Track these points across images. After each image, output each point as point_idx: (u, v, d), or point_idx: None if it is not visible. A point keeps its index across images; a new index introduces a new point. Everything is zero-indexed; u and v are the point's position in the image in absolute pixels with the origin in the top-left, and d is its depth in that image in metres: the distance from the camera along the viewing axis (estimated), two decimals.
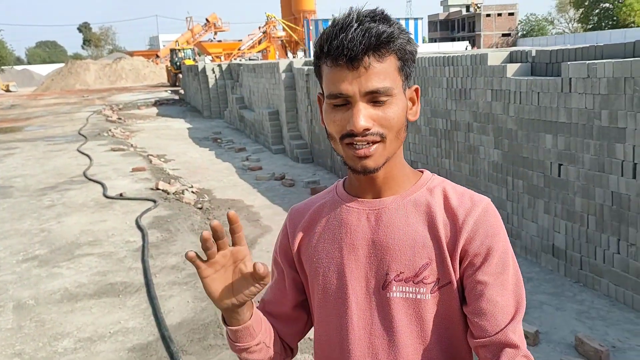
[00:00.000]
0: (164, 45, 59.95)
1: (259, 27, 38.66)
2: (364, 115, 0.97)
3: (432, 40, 63.47)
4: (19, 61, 79.31)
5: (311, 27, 33.22)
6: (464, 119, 6.29)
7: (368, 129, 0.98)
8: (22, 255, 5.80)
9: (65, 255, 5.74)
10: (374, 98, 0.98)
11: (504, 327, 0.99)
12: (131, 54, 58.75)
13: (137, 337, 3.96)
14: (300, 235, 1.17)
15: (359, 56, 0.96)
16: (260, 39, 38.38)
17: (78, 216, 7.19)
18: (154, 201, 7.54)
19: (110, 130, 16.21)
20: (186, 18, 46.55)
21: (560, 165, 5.03)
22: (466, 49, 24.62)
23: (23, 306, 4.58)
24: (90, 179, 9.36)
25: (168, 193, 8.10)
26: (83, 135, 15.27)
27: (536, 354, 3.79)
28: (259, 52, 38.72)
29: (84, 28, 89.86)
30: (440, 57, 6.59)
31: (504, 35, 60.89)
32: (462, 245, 1.03)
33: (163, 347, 3.77)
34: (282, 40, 36.91)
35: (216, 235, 1.00)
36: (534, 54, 5.64)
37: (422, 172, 1.14)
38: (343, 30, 0.96)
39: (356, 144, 0.99)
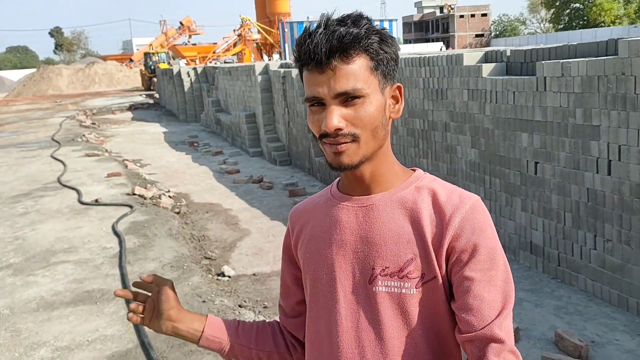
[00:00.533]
0: (137, 49, 59.24)
1: (234, 30, 38.49)
2: (336, 116, 1.01)
3: (407, 41, 64.00)
4: None
5: (286, 30, 33.24)
6: (441, 118, 6.34)
7: (340, 129, 1.01)
8: None
9: (41, 263, 5.61)
10: (346, 99, 1.01)
11: (490, 322, 1.00)
12: (104, 58, 57.93)
13: (116, 344, 3.88)
14: (298, 233, 1.23)
15: (323, 60, 0.99)
16: (236, 42, 38.21)
17: (53, 223, 7.03)
18: (131, 206, 7.42)
19: (84, 135, 15.93)
20: (160, 21, 46.03)
21: (536, 163, 5.10)
22: (440, 49, 24.89)
23: None
24: (64, 185, 9.17)
25: (145, 198, 7.98)
26: (56, 141, 14.98)
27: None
28: (234, 55, 38.54)
29: (55, 32, 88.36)
30: (416, 57, 6.64)
31: (477, 35, 61.79)
32: (448, 241, 1.04)
33: (143, 354, 3.70)
34: (257, 43, 36.83)
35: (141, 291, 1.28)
36: (508, 53, 5.72)
37: (414, 170, 1.17)
38: (310, 36, 1.00)
39: (330, 144, 1.03)
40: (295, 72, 10.33)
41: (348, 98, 1.01)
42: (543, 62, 4.90)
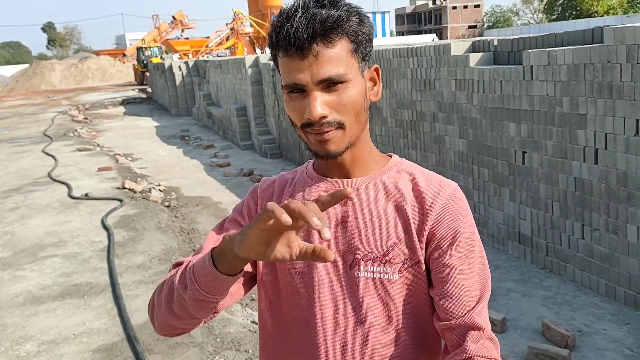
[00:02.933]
0: (130, 44, 58.89)
1: (227, 24, 38.25)
2: (320, 103, 0.97)
3: (400, 33, 63.96)
4: None
5: None
6: (429, 109, 6.32)
7: (325, 117, 0.97)
8: None
9: (29, 258, 5.58)
10: (328, 85, 0.97)
11: (470, 310, 1.00)
12: (97, 53, 57.60)
13: (102, 337, 3.87)
14: None
15: (305, 45, 0.94)
16: (228, 36, 38.01)
17: (42, 217, 7.00)
18: (120, 200, 7.39)
19: (76, 130, 15.86)
20: (152, 16, 45.87)
21: (524, 152, 5.10)
22: (433, 41, 24.85)
23: None
24: (55, 180, 9.13)
25: (135, 192, 7.95)
26: (48, 136, 14.91)
27: (504, 340, 3.83)
28: (226, 49, 38.34)
29: (48, 28, 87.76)
30: (404, 48, 6.61)
31: (470, 27, 61.73)
32: (429, 228, 1.04)
33: (129, 347, 3.69)
34: (249, 37, 36.63)
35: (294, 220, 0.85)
36: (496, 43, 5.70)
37: (390, 156, 1.15)
38: (288, 20, 0.95)
39: (314, 132, 1.00)
40: None
41: (331, 84, 0.97)
42: (530, 51, 4.88)
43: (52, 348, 3.79)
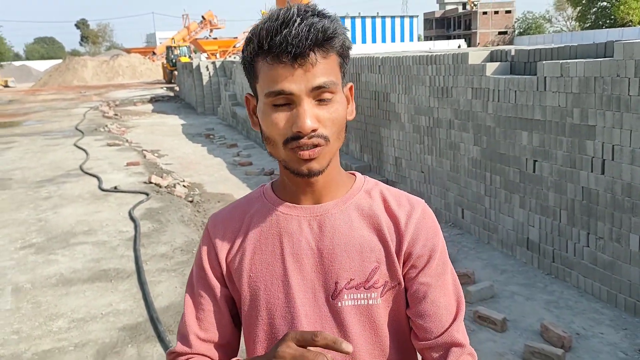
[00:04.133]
0: (160, 43, 60.01)
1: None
2: (310, 116, 0.93)
3: (427, 38, 63.57)
4: (17, 57, 79.21)
5: None
6: (446, 116, 6.52)
7: (315, 130, 0.93)
8: (20, 243, 6.01)
9: (61, 244, 5.95)
10: (319, 95, 0.94)
11: (449, 328, 1.02)
12: (128, 51, 58.78)
13: (127, 318, 4.18)
14: (227, 246, 1.08)
15: (305, 52, 0.91)
16: None
17: (74, 207, 7.39)
18: (147, 194, 7.75)
19: (106, 125, 16.39)
20: (182, 15, 46.66)
21: (535, 161, 5.26)
22: (459, 46, 24.72)
23: (20, 289, 4.80)
24: (86, 172, 9.56)
25: (160, 186, 8.31)
26: (80, 131, 15.45)
27: (503, 339, 4.02)
28: None
29: (81, 25, 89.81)
30: (423, 55, 6.81)
31: (500, 33, 61.02)
32: (405, 248, 1.03)
33: (151, 327, 4.00)
34: None
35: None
36: (513, 53, 5.87)
37: (354, 174, 1.12)
38: (286, 26, 0.91)
39: (302, 147, 0.94)
40: None
41: (321, 94, 0.94)
42: (544, 62, 5.05)
43: (81, 325, 4.12)
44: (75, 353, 3.77)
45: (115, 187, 8.33)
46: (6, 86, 45.13)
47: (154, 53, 52.33)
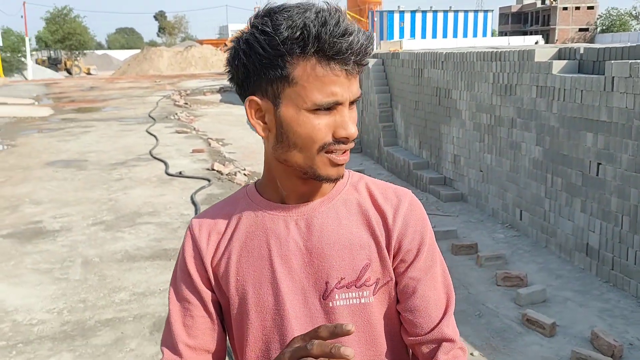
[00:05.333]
0: (232, 34, 61.44)
1: None
2: (353, 122, 0.94)
3: (502, 33, 61.39)
4: (99, 46, 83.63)
5: (375, 19, 33.26)
6: (508, 114, 6.38)
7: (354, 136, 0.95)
8: (92, 220, 6.46)
9: (128, 222, 6.35)
10: (352, 105, 0.96)
11: (439, 323, 1.01)
12: (201, 42, 60.62)
13: None
14: (212, 250, 1.04)
15: (363, 61, 0.92)
16: None
17: (141, 189, 7.83)
18: (209, 180, 8.09)
19: (176, 114, 17.09)
20: (254, 8, 47.35)
21: (598, 164, 5.07)
22: (536, 43, 23.67)
23: (89, 262, 5.18)
24: (154, 157, 10.06)
25: (222, 174, 8.64)
26: (152, 118, 16.19)
27: (550, 344, 3.94)
28: None
29: (159, 16, 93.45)
30: (488, 52, 6.69)
31: (581, 30, 58.03)
32: (394, 242, 1.01)
33: None
34: None
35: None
36: (582, 51, 5.67)
37: None
38: (350, 33, 0.89)
39: (337, 151, 0.94)
40: (374, 61, 10.54)
41: (353, 104, 0.95)
42: (612, 61, 4.85)
43: (141, 299, 4.40)
44: (134, 323, 4.04)
45: (180, 173, 8.73)
46: (88, 73, 47.86)
47: (225, 44, 53.65)
